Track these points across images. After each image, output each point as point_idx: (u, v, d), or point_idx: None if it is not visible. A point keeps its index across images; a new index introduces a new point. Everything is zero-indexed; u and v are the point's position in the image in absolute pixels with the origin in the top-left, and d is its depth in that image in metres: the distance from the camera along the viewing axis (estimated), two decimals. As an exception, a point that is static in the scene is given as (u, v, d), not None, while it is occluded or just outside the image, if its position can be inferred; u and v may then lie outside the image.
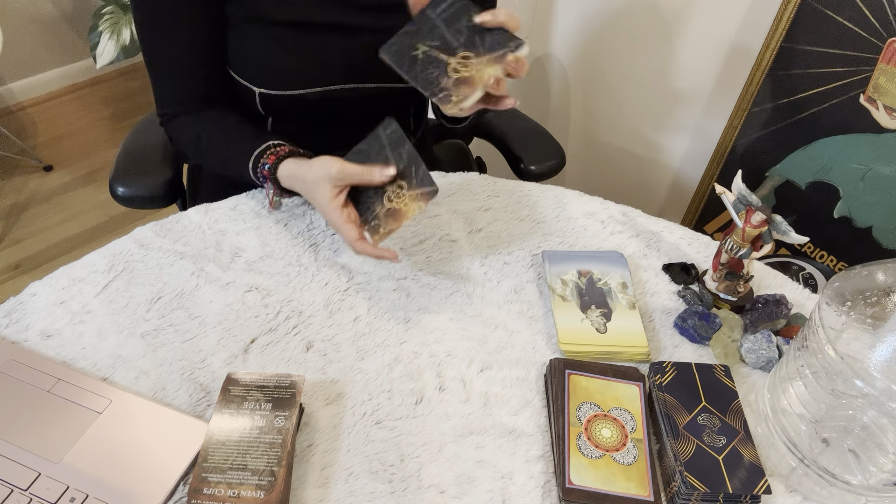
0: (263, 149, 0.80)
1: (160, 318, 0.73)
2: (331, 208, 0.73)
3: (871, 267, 0.61)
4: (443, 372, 0.71)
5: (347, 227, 0.72)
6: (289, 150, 0.80)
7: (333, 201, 0.73)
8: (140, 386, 0.67)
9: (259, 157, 0.80)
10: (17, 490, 0.57)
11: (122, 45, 1.94)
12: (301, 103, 0.86)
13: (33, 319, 0.72)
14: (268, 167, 0.79)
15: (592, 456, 0.62)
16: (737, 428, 0.64)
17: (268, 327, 0.73)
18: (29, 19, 2.22)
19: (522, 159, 1.10)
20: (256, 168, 0.81)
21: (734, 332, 0.75)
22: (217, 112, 0.87)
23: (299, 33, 0.82)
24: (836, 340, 0.57)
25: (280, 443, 0.58)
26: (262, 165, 0.80)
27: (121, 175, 0.96)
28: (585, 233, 0.88)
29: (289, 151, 0.80)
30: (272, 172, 0.79)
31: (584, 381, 0.68)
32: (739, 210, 0.74)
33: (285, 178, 0.79)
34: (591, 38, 1.52)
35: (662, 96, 1.46)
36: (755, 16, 1.23)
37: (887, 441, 0.60)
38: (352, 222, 0.73)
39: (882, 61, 1.06)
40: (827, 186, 1.21)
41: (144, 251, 0.80)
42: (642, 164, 1.60)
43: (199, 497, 0.55)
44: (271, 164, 0.79)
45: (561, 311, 0.77)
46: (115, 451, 0.60)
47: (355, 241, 0.72)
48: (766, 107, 1.24)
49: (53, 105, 2.34)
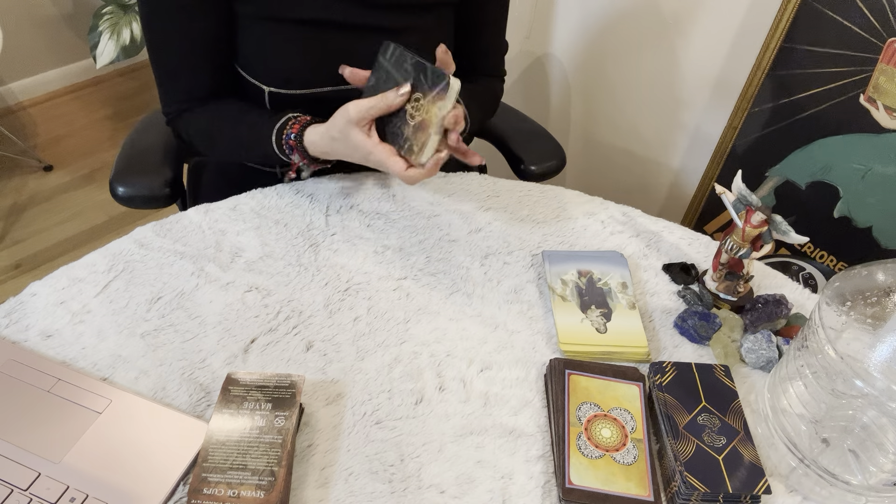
0: (285, 121, 0.81)
1: (160, 318, 0.73)
2: (370, 147, 0.73)
3: (871, 267, 0.61)
4: (443, 372, 0.71)
5: (393, 160, 0.72)
6: (311, 118, 0.81)
7: (369, 140, 0.73)
8: (140, 386, 0.67)
9: (282, 129, 0.81)
10: (17, 490, 0.57)
11: (122, 45, 1.94)
12: (311, 102, 0.86)
13: (33, 319, 0.72)
14: (293, 136, 0.80)
15: (592, 456, 0.62)
16: (737, 428, 0.64)
17: (268, 327, 0.73)
18: (29, 19, 2.22)
19: (522, 159, 1.10)
20: (281, 141, 0.81)
21: (734, 332, 0.75)
22: (223, 104, 0.87)
23: (310, 32, 0.82)
24: (836, 340, 0.57)
25: (280, 443, 0.58)
26: (288, 136, 0.80)
27: (121, 175, 0.96)
28: (585, 233, 0.88)
29: (311, 119, 0.81)
30: (299, 141, 0.79)
31: (584, 381, 0.68)
32: (739, 210, 0.74)
33: (314, 143, 0.79)
34: (591, 38, 1.52)
35: (662, 96, 1.46)
36: (755, 16, 1.23)
37: (887, 441, 0.60)
38: (395, 154, 0.73)
39: (882, 61, 1.06)
40: (827, 186, 1.21)
41: (144, 251, 0.80)
42: (642, 165, 1.60)
43: (199, 497, 0.55)
44: (296, 133, 0.79)
45: (561, 311, 0.76)
46: (115, 451, 0.60)
47: (404, 170, 0.72)
48: (766, 107, 1.24)
49: (53, 105, 2.34)
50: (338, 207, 0.88)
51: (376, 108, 0.72)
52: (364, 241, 0.84)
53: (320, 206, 0.88)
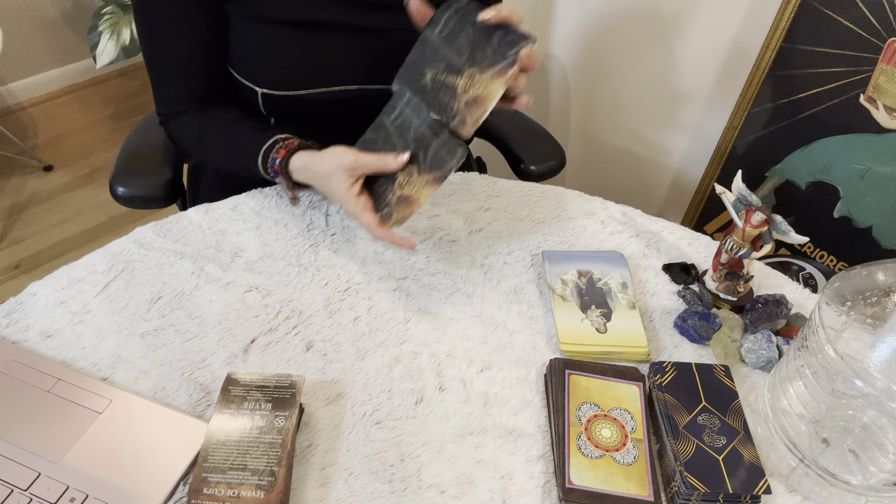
0: (272, 143, 0.80)
1: (160, 318, 0.73)
2: (347, 198, 0.73)
3: (871, 267, 0.61)
4: (443, 372, 0.71)
5: (365, 214, 0.73)
6: (298, 143, 0.80)
7: (350, 191, 0.73)
8: (140, 386, 0.67)
9: (268, 151, 0.80)
10: (17, 490, 0.57)
11: (122, 45, 1.94)
12: (304, 104, 0.86)
13: (33, 319, 0.72)
14: (278, 161, 0.79)
15: (592, 456, 0.62)
16: (737, 428, 0.64)
17: (268, 327, 0.73)
18: (29, 19, 2.22)
19: (522, 159, 1.10)
20: (266, 163, 0.81)
21: (734, 332, 0.75)
22: (218, 109, 0.87)
23: (303, 33, 0.82)
24: (836, 340, 0.57)
25: (280, 443, 0.58)
26: (273, 160, 0.80)
27: (121, 175, 0.96)
28: (585, 233, 0.88)
29: (298, 144, 0.80)
30: (283, 167, 0.79)
31: (584, 381, 0.68)
32: (739, 210, 0.74)
33: (298, 170, 0.79)
34: (591, 38, 1.52)
35: (662, 96, 1.46)
36: (755, 16, 1.23)
37: (887, 441, 0.60)
38: (369, 210, 0.73)
39: (882, 61, 1.06)
40: (827, 186, 1.21)
41: (144, 251, 0.80)
42: (642, 164, 1.60)
43: (199, 497, 0.55)
44: (282, 159, 0.79)
45: (561, 311, 0.76)
46: (115, 451, 0.60)
47: (375, 227, 0.72)
48: (766, 107, 1.24)
49: (53, 105, 2.34)
50: (338, 207, 0.88)
51: (372, 167, 0.73)
52: (364, 241, 0.84)
53: (320, 206, 0.88)
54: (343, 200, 0.74)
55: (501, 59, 0.68)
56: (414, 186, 0.72)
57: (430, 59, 0.73)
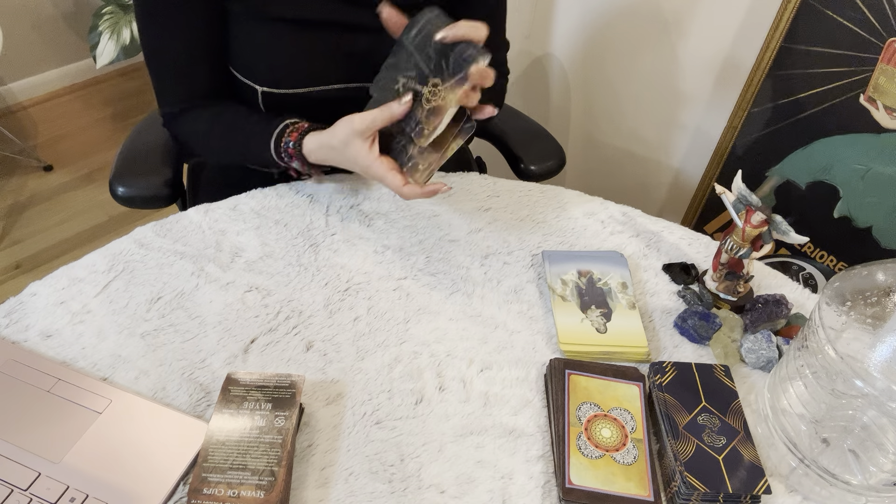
0: (282, 128, 0.81)
1: (160, 318, 0.73)
2: (369, 161, 0.73)
3: (871, 267, 0.61)
4: (443, 372, 0.71)
5: (391, 174, 0.72)
6: (308, 125, 0.81)
7: (370, 154, 0.73)
8: (140, 386, 0.67)
9: (280, 136, 0.81)
10: (17, 490, 0.57)
11: (122, 45, 1.94)
12: (304, 102, 0.86)
13: (33, 319, 0.72)
14: (291, 145, 0.80)
15: (592, 456, 0.62)
16: (737, 428, 0.64)
17: (268, 327, 0.73)
18: (29, 19, 2.22)
19: (522, 159, 1.10)
20: (279, 148, 0.81)
21: (734, 332, 0.75)
22: (221, 106, 0.87)
23: (301, 31, 0.82)
24: (836, 340, 0.57)
25: (280, 443, 0.58)
26: (286, 144, 0.80)
27: (121, 175, 0.96)
28: (585, 233, 0.88)
29: (308, 126, 0.81)
30: (298, 149, 0.79)
31: (584, 381, 0.68)
32: (739, 210, 0.74)
33: (313, 150, 0.79)
34: (591, 38, 1.52)
35: (662, 96, 1.46)
36: (755, 16, 1.23)
37: (887, 441, 0.60)
38: (395, 170, 0.73)
39: (882, 61, 1.06)
40: (827, 186, 1.21)
41: (144, 251, 0.80)
42: (642, 164, 1.60)
43: (199, 497, 0.55)
44: (295, 141, 0.79)
45: (561, 311, 0.77)
46: (115, 451, 0.60)
47: (402, 186, 0.72)
48: (766, 107, 1.24)
49: (53, 105, 2.34)
50: (338, 207, 0.88)
51: (381, 119, 0.72)
52: (364, 241, 0.84)
53: (320, 206, 0.88)
54: (366, 164, 0.73)
55: (458, 72, 0.68)
56: (439, 95, 0.70)
57: (403, 67, 0.74)
